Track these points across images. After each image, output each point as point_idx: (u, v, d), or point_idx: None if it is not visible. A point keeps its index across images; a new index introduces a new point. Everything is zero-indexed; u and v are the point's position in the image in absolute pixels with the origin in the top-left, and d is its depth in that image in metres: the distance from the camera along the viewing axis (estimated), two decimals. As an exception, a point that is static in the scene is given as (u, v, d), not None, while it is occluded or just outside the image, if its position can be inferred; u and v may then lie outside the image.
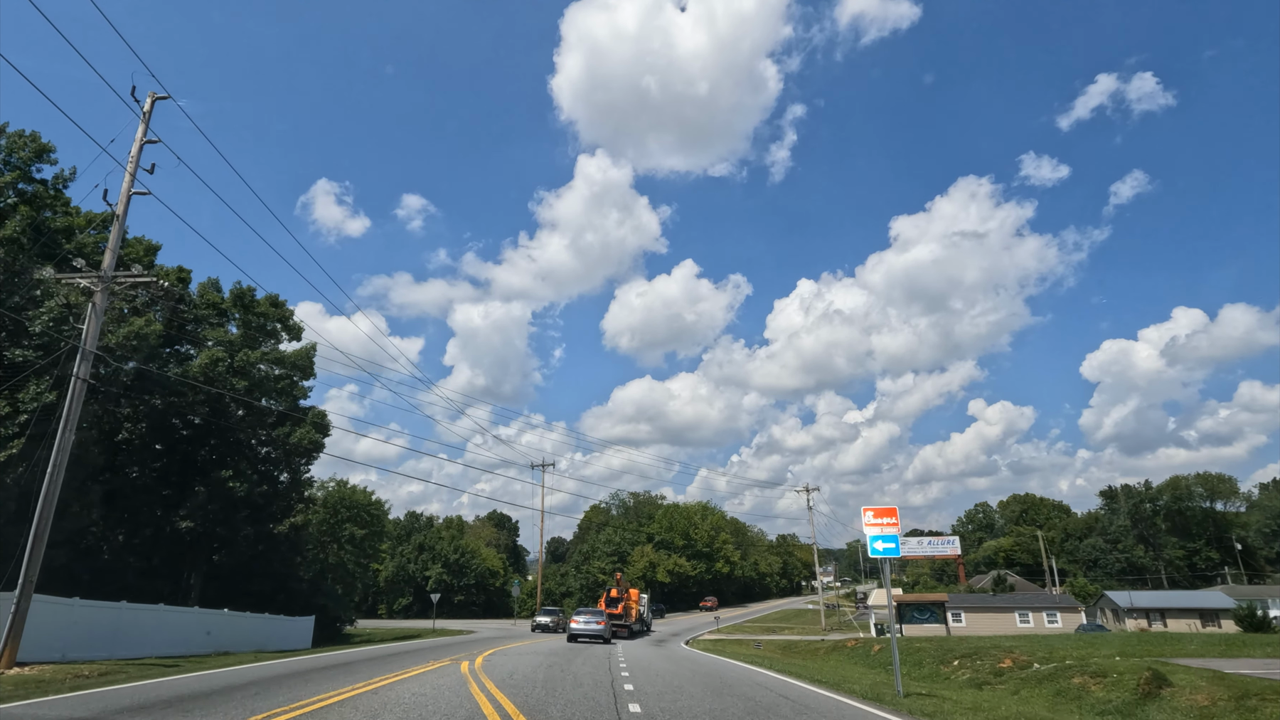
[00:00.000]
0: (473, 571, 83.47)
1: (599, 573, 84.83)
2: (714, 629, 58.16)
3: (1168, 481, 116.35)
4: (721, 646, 40.87)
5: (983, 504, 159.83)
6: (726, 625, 62.96)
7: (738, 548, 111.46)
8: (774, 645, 44.71)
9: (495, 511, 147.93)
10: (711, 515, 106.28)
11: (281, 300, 38.73)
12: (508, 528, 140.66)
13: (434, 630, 49.87)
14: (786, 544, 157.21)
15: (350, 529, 45.78)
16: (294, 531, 36.96)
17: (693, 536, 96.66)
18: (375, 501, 48.56)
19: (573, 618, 32.96)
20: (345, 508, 45.97)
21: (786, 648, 42.91)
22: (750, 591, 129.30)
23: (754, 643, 45.07)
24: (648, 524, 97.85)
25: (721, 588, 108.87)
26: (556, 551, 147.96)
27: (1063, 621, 50.00)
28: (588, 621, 32.21)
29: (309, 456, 38.16)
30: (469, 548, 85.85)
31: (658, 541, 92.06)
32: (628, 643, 34.68)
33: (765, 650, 40.48)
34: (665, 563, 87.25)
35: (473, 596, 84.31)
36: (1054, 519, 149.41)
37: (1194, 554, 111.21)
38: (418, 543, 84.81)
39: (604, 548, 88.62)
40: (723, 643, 44.29)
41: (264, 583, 36.84)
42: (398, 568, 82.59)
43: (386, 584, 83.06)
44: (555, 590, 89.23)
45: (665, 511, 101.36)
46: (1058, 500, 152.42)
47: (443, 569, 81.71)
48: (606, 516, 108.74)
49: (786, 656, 35.83)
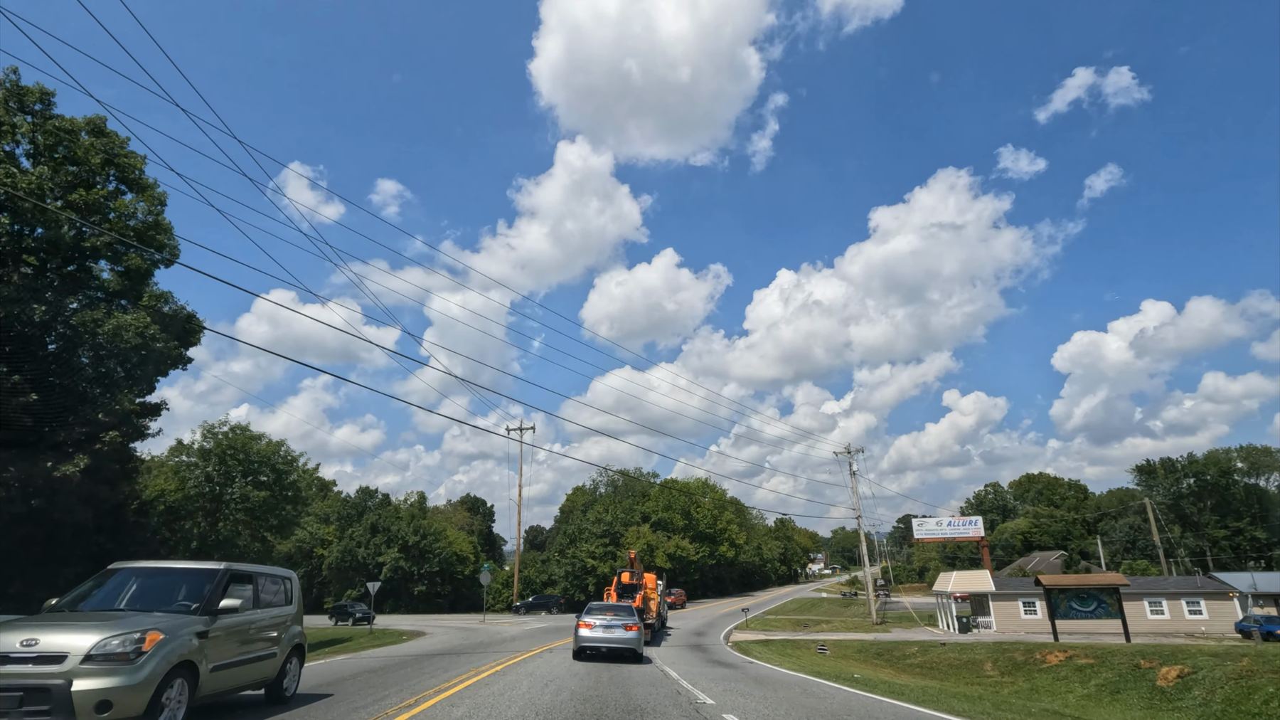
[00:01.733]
0: (436, 557, 69.64)
1: (588, 557, 71.53)
2: (740, 621, 45.43)
3: (1207, 456, 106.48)
4: (785, 652, 28.00)
5: (993, 484, 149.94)
6: (752, 618, 50.19)
7: (741, 529, 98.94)
8: (845, 650, 31.91)
9: (469, 495, 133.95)
10: (713, 492, 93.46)
11: (118, 136, 24.62)
12: (482, 512, 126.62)
13: (370, 634, 36.20)
14: (786, 528, 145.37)
15: (244, 489, 31.84)
16: (125, 496, 23.13)
17: (694, 516, 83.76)
18: (285, 452, 34.50)
19: (582, 620, 19.76)
20: (235, 460, 31.98)
21: (869, 653, 30.14)
22: (751, 579, 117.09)
23: (816, 645, 32.29)
24: (642, 502, 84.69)
25: (723, 574, 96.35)
26: (535, 540, 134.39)
27: (1208, 612, 37.86)
28: (609, 625, 19.17)
29: (155, 368, 24.13)
30: (433, 529, 71.94)
31: (655, 521, 78.97)
32: (663, 656, 21.62)
33: (850, 659, 27.66)
34: (665, 545, 74.23)
35: (437, 586, 70.56)
36: (1070, 499, 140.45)
37: (1237, 534, 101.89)
38: (369, 523, 70.66)
39: (593, 528, 75.31)
40: (772, 644, 31.47)
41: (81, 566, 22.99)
42: (345, 551, 68.45)
43: (332, 571, 68.92)
44: (535, 579, 75.86)
45: (663, 488, 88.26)
46: (1072, 479, 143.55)
47: (399, 554, 67.77)
48: (593, 497, 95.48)
49: (900, 670, 23.05)
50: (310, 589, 73.76)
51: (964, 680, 20.39)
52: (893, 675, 21.15)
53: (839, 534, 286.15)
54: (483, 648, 23.86)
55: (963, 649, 27.82)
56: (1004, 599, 40.19)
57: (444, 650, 23.39)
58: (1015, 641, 27.67)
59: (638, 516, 79.61)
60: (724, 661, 21.29)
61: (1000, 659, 22.70)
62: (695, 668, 18.40)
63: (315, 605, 73.09)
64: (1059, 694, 18.63)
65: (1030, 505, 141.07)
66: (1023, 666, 21.47)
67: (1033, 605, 39.66)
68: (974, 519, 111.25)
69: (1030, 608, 39.66)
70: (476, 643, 26.80)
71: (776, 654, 27.45)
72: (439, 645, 26.20)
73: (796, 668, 20.01)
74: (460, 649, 23.65)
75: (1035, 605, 39.59)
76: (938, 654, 27.56)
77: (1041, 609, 39.40)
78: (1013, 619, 39.83)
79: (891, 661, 26.24)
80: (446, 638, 30.92)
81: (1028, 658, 21.92)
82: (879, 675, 20.50)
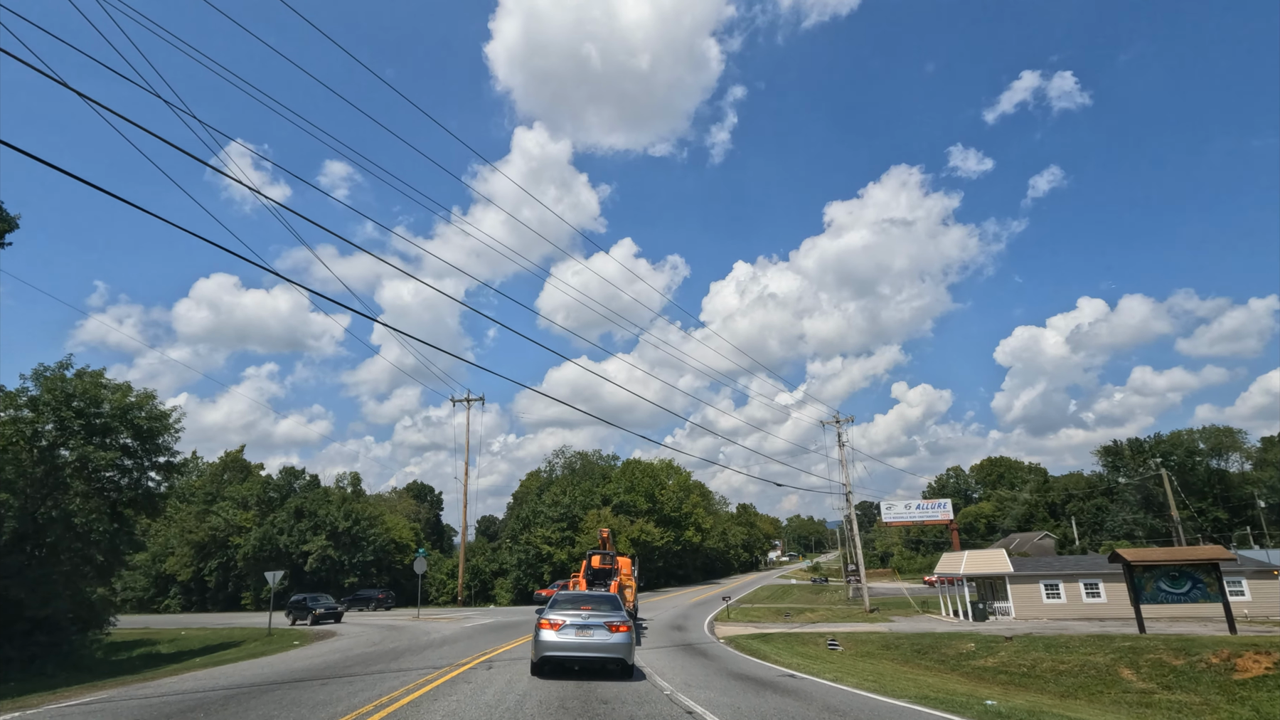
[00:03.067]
0: (371, 545, 61.65)
1: (543, 543, 64.67)
2: (718, 612, 39.41)
3: (1171, 437, 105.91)
4: (795, 649, 21.93)
5: (955, 468, 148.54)
6: (731, 607, 44.19)
7: (708, 513, 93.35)
8: (863, 645, 26.03)
9: (416, 482, 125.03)
10: (678, 475, 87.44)
11: None
12: (430, 500, 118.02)
13: (268, 636, 28.66)
14: (748, 513, 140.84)
15: (82, 449, 23.81)
16: None
17: (659, 498, 77.54)
18: (152, 408, 26.38)
19: (546, 617, 13.10)
20: (68, 409, 23.88)
21: (901, 651, 24.28)
22: (714, 566, 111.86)
23: (825, 640, 26.36)
24: (603, 484, 78.07)
25: (686, 561, 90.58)
26: (488, 530, 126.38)
27: (1250, 593, 33.43)
28: (585, 624, 12.90)
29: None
30: (367, 514, 63.83)
31: (617, 505, 72.45)
32: (658, 666, 15.02)
33: (879, 657, 21.76)
34: (629, 529, 67.84)
35: (372, 578, 62.62)
36: (1031, 481, 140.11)
37: (1199, 514, 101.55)
38: (294, 506, 62.09)
39: (549, 511, 68.39)
40: (772, 639, 25.42)
41: None
42: (263, 539, 59.84)
43: (248, 562, 60.28)
44: (485, 569, 68.61)
45: (626, 469, 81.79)
46: (1034, 463, 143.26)
47: (327, 541, 59.54)
48: (549, 480, 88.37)
49: (978, 679, 17.17)
50: (225, 583, 64.84)
51: (1110, 699, 14.56)
52: (995, 691, 15.25)
53: (794, 521, 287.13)
54: (394, 659, 16.91)
55: (1057, 647, 22.00)
56: (1024, 581, 35.09)
57: (340, 663, 16.37)
58: (1145, 637, 21.43)
59: (598, 499, 73.00)
60: (749, 675, 14.92)
61: (1139, 662, 16.83)
62: (723, 693, 11.96)
63: (232, 601, 64.26)
64: None
65: (990, 489, 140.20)
66: (1190, 674, 15.61)
67: (1055, 588, 34.64)
68: (943, 502, 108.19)
69: (1053, 591, 34.63)
70: (391, 649, 19.77)
71: (788, 652, 21.34)
72: (339, 654, 19.07)
73: (865, 684, 13.86)
74: (363, 661, 16.65)
75: (1059, 588, 34.58)
76: (1011, 654, 21.73)
77: (1066, 592, 34.47)
78: (1033, 604, 34.78)
79: (944, 662, 20.47)
80: (357, 641, 23.79)
81: (1189, 662, 16.07)
82: (978, 690, 14.55)
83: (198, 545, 65.32)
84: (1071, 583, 34.46)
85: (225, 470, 74.86)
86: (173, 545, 66.98)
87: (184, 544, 65.81)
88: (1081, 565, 35.92)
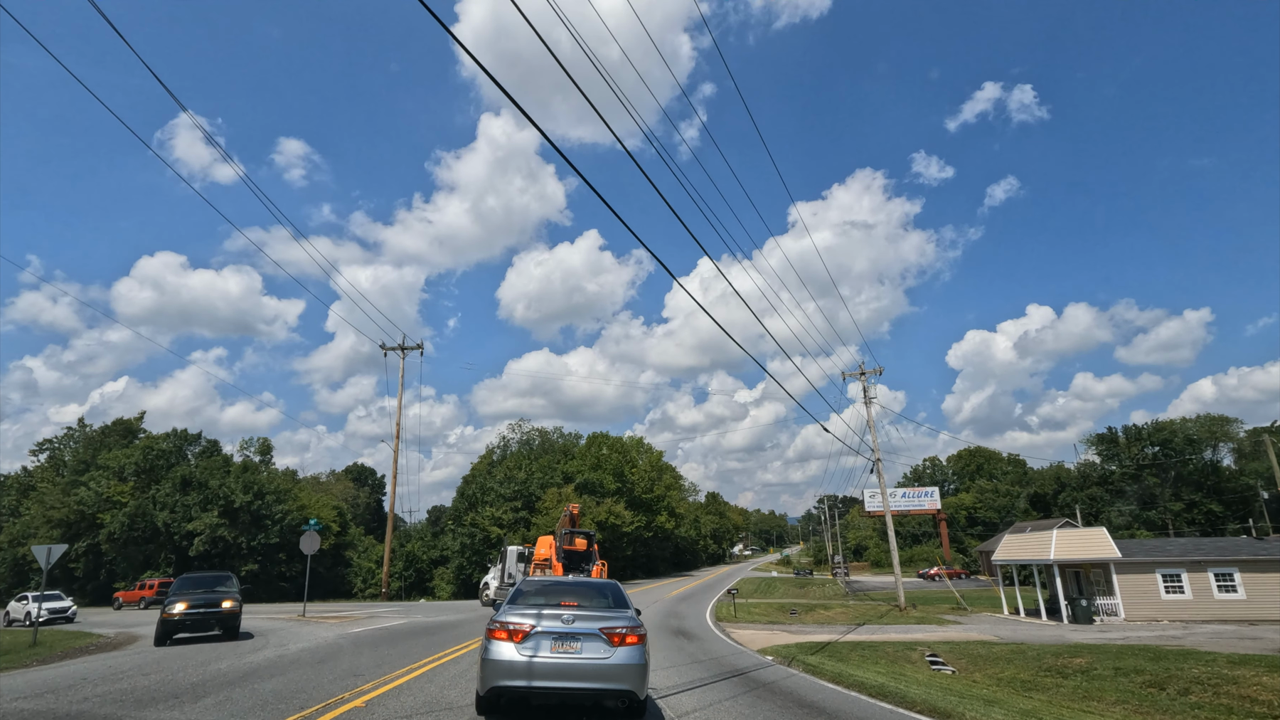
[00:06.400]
0: (277, 525, 50.07)
1: (491, 524, 54.12)
2: (715, 605, 29.79)
3: (1164, 423, 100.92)
4: (893, 671, 12.16)
5: (932, 458, 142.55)
6: (726, 602, 34.52)
7: (681, 497, 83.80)
8: (984, 662, 16.54)
9: (356, 464, 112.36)
10: (649, 453, 77.62)
11: None
12: (371, 484, 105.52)
13: (30, 645, 17.62)
14: (718, 503, 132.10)
15: None
16: None
17: (629, 477, 67.58)
18: None
19: (501, 622, 5.24)
20: None
21: (1016, 664, 14.96)
22: (683, 558, 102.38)
23: (924, 653, 16.85)
24: (565, 461, 67.76)
25: (654, 551, 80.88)
26: (435, 520, 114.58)
27: None
28: (566, 634, 5.45)
29: None
30: (274, 487, 52.17)
31: (581, 483, 62.22)
32: None
33: (1005, 683, 12.16)
34: (595, 511, 57.66)
35: (280, 565, 51.10)
36: (1011, 472, 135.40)
37: (1192, 506, 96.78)
38: (179, 476, 50.03)
39: (501, 489, 57.84)
40: (843, 653, 15.82)
41: None
42: (136, 515, 47.72)
43: (114, 545, 48.10)
44: (423, 556, 57.73)
45: (592, 443, 71.53)
46: (1013, 454, 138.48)
47: (220, 518, 47.74)
48: (502, 458, 77.58)
49: None
50: (96, 570, 52.48)
51: None
52: None
53: (756, 515, 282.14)
54: (193, 697, 6.57)
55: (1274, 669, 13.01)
56: (1134, 570, 26.24)
57: None
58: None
59: (559, 477, 62.69)
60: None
61: None
62: None
63: (103, 593, 51.85)
64: None
65: (970, 480, 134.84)
66: None
67: (1177, 580, 25.91)
68: (929, 490, 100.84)
69: (1173, 584, 25.89)
70: (204, 679, 9.34)
71: (889, 676, 11.79)
72: (114, 680, 8.60)
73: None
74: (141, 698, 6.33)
75: (1181, 580, 25.87)
76: None
77: (1191, 585, 25.77)
78: (1147, 601, 26.00)
79: (1134, 695, 11.37)
80: (167, 655, 13.22)
81: None
82: None
83: (63, 524, 52.77)
84: (1198, 572, 25.76)
85: (106, 437, 61.93)
86: (36, 526, 54.34)
87: (45, 524, 53.21)
88: (1201, 549, 27.28)
